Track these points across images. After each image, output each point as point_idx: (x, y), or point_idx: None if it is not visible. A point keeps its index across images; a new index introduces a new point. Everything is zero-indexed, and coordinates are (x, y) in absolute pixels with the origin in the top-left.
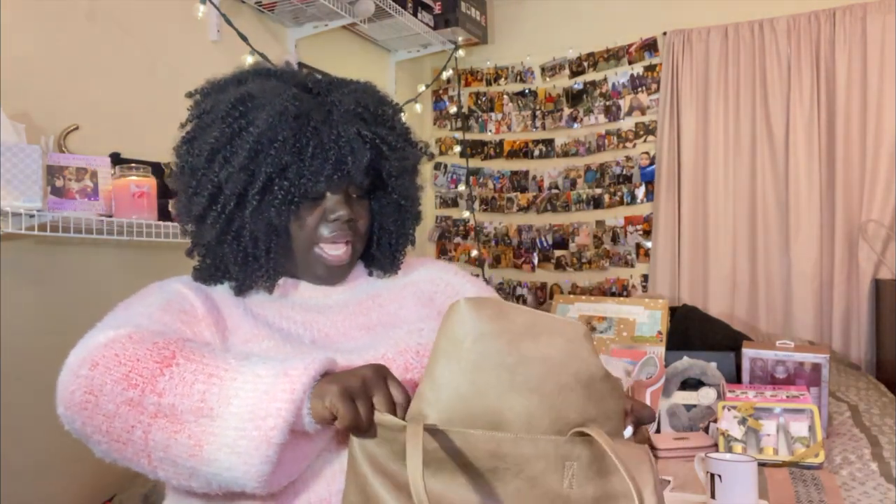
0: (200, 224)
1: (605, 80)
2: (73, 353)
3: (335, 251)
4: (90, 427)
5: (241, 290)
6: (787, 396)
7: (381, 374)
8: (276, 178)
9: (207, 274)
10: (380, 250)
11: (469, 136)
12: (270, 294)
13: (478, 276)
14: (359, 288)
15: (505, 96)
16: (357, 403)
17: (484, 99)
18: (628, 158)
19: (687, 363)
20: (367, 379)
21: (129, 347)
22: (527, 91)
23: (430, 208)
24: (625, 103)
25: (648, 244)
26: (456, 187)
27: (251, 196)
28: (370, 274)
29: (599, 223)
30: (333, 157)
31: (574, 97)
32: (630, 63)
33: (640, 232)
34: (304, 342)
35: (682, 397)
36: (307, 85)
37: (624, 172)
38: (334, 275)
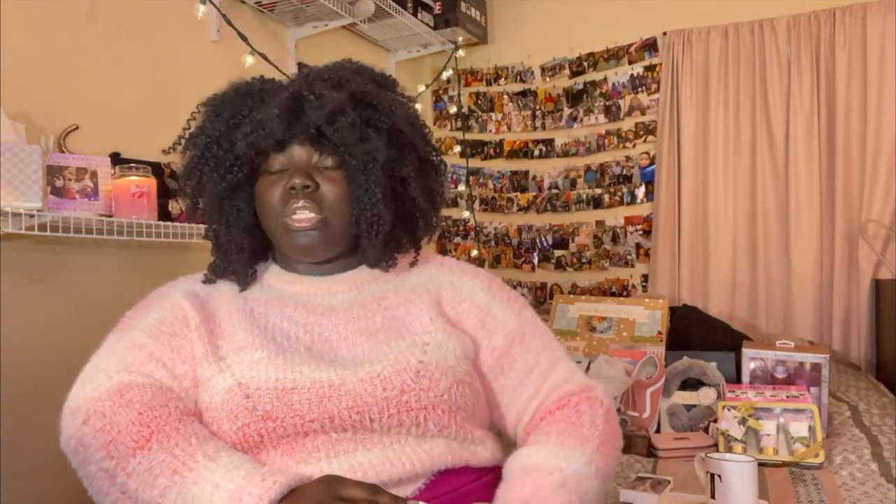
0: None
1: (605, 80)
2: (73, 391)
3: (300, 214)
4: (80, 471)
5: (241, 283)
6: (787, 396)
7: (335, 486)
8: (214, 146)
9: (215, 267)
10: (359, 228)
11: (469, 136)
12: (244, 286)
13: None
14: (365, 288)
15: (505, 96)
16: None
17: (484, 99)
18: (628, 158)
19: (687, 363)
20: (324, 488)
21: (116, 412)
22: (527, 91)
23: None
24: (625, 103)
25: (648, 244)
26: (456, 187)
27: (195, 168)
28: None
29: (599, 223)
30: (259, 116)
31: (574, 97)
32: (630, 63)
33: (640, 232)
34: (300, 349)
35: (682, 397)
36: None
37: (624, 172)
38: (309, 246)
